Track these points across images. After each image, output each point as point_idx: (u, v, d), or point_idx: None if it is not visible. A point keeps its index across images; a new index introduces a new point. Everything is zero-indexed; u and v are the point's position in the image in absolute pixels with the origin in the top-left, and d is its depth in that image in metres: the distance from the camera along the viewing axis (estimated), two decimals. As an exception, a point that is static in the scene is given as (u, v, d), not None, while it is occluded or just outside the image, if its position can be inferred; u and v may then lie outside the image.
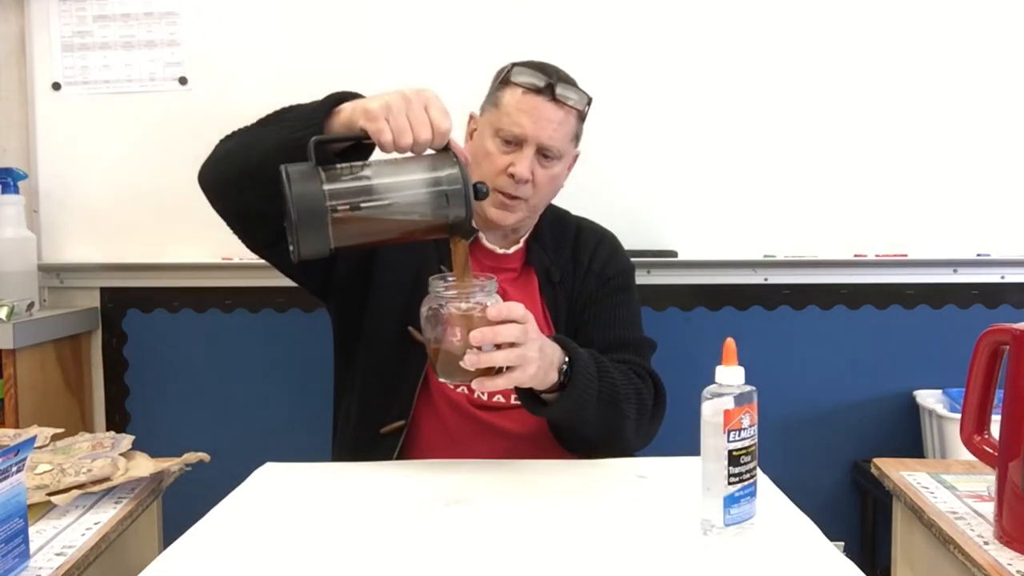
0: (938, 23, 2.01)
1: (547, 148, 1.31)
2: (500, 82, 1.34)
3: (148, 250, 2.09)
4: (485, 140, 1.33)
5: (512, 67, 1.32)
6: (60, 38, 2.07)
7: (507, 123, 1.30)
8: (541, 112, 1.29)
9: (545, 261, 1.41)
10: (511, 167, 1.29)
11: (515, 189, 1.30)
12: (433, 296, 1.01)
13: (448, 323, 1.00)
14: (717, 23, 2.02)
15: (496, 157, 1.31)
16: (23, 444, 0.84)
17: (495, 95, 1.34)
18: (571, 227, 1.48)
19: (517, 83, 1.30)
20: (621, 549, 0.87)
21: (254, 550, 0.88)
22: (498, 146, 1.31)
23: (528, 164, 1.29)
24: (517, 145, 1.30)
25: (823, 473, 2.09)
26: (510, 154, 1.30)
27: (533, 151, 1.30)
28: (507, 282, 1.39)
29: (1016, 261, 2.03)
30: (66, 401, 2.05)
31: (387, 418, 1.31)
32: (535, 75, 1.30)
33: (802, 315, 2.09)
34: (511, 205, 1.32)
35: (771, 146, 2.04)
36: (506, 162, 1.30)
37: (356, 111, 1.06)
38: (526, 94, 1.30)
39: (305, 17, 2.05)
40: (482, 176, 1.30)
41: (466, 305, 1.00)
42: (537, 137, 1.29)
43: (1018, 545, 0.90)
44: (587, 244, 1.45)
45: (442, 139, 1.03)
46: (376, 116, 1.02)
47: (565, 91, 1.30)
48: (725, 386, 0.88)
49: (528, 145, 1.30)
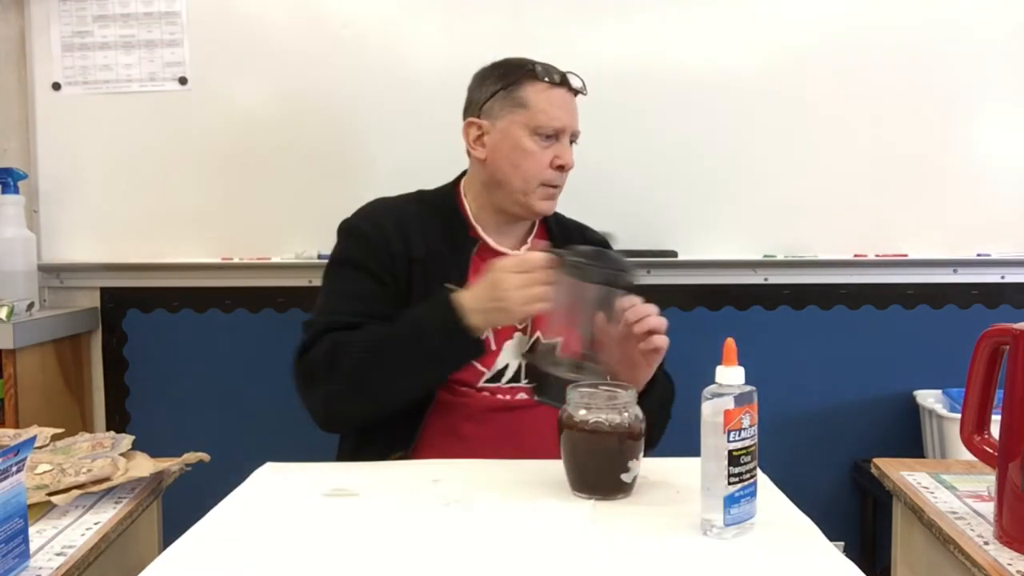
0: (938, 23, 2.01)
1: (576, 134, 1.43)
2: (513, 82, 1.38)
3: (148, 250, 2.09)
4: (522, 140, 1.37)
5: (532, 64, 1.39)
6: (60, 38, 2.07)
7: (545, 119, 1.37)
8: (568, 103, 1.40)
9: None
10: (557, 159, 1.38)
11: (560, 179, 1.40)
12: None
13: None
14: (717, 23, 2.02)
15: (539, 154, 1.38)
16: (23, 444, 0.84)
17: (515, 95, 1.38)
18: (573, 229, 1.53)
19: (541, 80, 1.37)
20: (621, 549, 0.87)
21: (254, 550, 0.88)
22: (538, 143, 1.38)
23: (570, 153, 1.41)
24: (554, 138, 1.39)
25: (823, 473, 2.09)
26: (550, 148, 1.38)
27: (568, 139, 1.41)
28: None
29: (1016, 261, 2.03)
30: (66, 401, 2.05)
31: (392, 448, 1.31)
32: (551, 70, 1.39)
33: (802, 315, 2.09)
34: (555, 194, 1.42)
35: (771, 146, 2.04)
36: (549, 156, 1.38)
37: (493, 320, 1.25)
38: (551, 88, 1.38)
39: (305, 17, 2.05)
40: (529, 174, 1.38)
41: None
42: (572, 126, 1.41)
43: (1018, 545, 0.90)
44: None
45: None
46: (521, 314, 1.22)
47: (575, 81, 1.41)
48: (725, 386, 0.88)
49: (565, 135, 1.40)
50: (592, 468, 1.01)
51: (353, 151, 2.07)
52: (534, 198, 1.38)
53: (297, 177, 2.07)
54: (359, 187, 2.03)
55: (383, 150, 2.06)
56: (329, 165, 2.07)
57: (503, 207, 1.41)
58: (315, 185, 2.07)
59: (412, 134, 2.03)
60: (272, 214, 2.09)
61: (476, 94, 1.43)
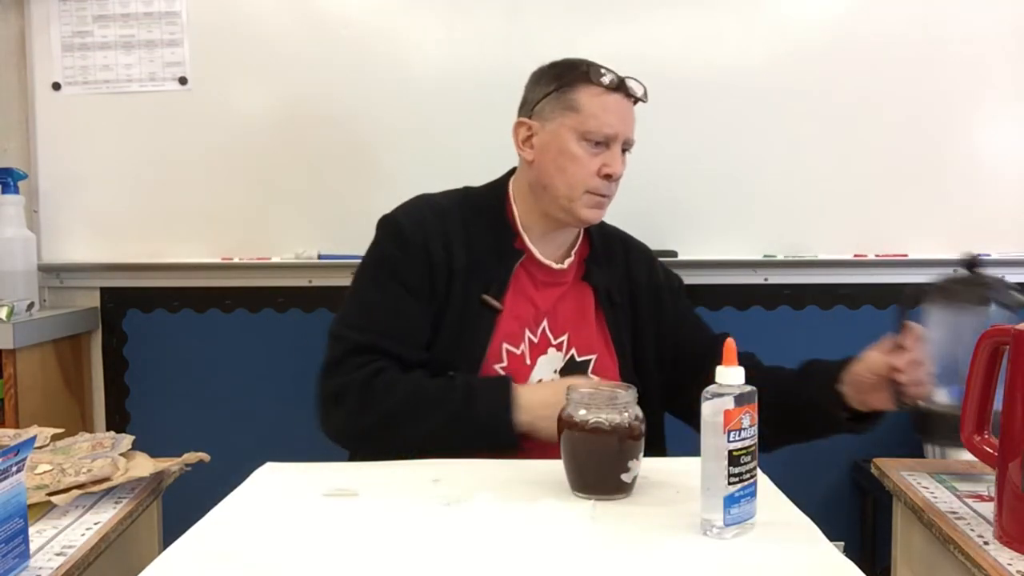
0: (938, 23, 2.01)
1: (629, 142, 1.35)
2: (565, 84, 1.33)
3: (148, 250, 2.09)
4: (569, 145, 1.31)
5: (587, 67, 1.33)
6: (60, 38, 2.07)
7: (595, 125, 1.30)
8: (623, 109, 1.33)
9: (604, 282, 1.41)
10: (605, 167, 1.31)
11: (608, 188, 1.33)
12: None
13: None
14: (717, 23, 2.02)
15: (587, 160, 1.31)
16: (23, 444, 0.84)
17: (565, 98, 1.32)
18: (615, 240, 1.49)
19: (596, 83, 1.31)
20: (621, 549, 0.87)
21: (254, 550, 0.88)
22: (586, 149, 1.31)
23: (621, 163, 1.34)
24: (604, 145, 1.32)
25: (823, 473, 2.09)
26: (599, 155, 1.32)
27: (620, 148, 1.33)
28: (559, 298, 1.38)
29: (1016, 261, 2.03)
30: (66, 401, 2.05)
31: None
32: (608, 74, 1.32)
33: (802, 315, 2.09)
34: (603, 203, 1.35)
35: (771, 146, 2.04)
36: (598, 163, 1.31)
37: (538, 427, 1.20)
38: (606, 93, 1.31)
39: (305, 17, 2.05)
40: (574, 180, 1.31)
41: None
42: (625, 134, 1.33)
43: (1018, 545, 0.90)
44: (640, 261, 1.48)
45: None
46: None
47: (634, 86, 1.34)
48: (725, 386, 0.88)
49: (616, 143, 1.32)
50: (592, 468, 1.01)
51: (353, 151, 2.07)
52: (579, 205, 1.33)
53: (297, 177, 2.07)
54: (359, 187, 2.04)
55: (383, 150, 2.06)
56: (329, 165, 2.07)
57: (549, 212, 1.36)
58: (315, 185, 2.07)
59: (412, 134, 2.03)
60: (272, 214, 2.09)
61: (531, 94, 1.38)
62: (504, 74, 1.37)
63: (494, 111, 1.39)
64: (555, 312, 1.37)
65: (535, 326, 1.35)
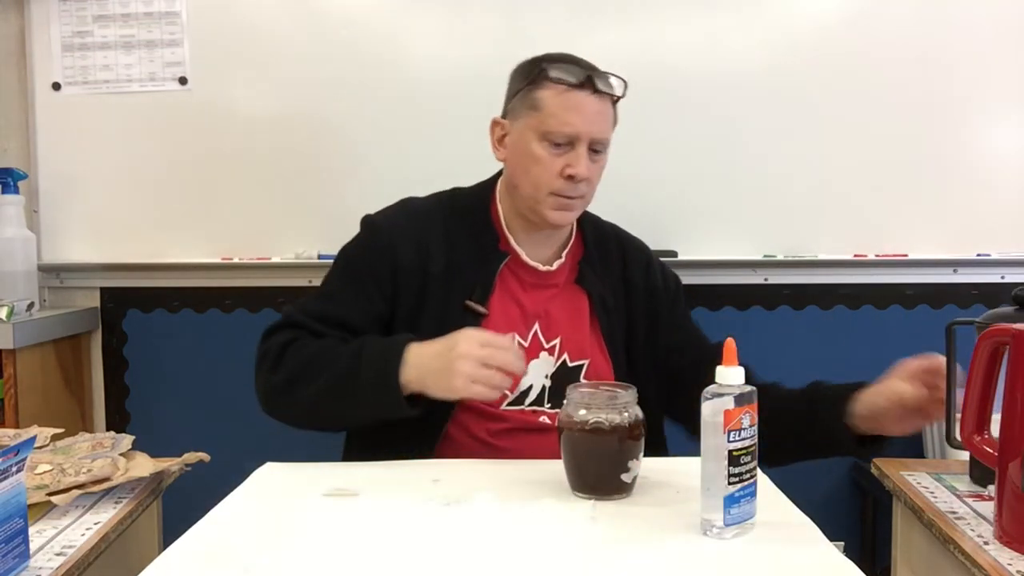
0: (938, 23, 2.01)
1: (597, 142, 1.28)
2: (530, 82, 1.28)
3: (148, 250, 2.09)
4: (531, 145, 1.27)
5: (545, 65, 1.27)
6: (60, 38, 2.07)
7: (555, 124, 1.25)
8: (587, 107, 1.25)
9: (598, 286, 1.36)
10: (568, 168, 1.25)
11: (573, 190, 1.27)
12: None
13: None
14: (718, 23, 2.02)
15: (548, 161, 1.26)
16: (23, 444, 0.84)
17: (530, 96, 1.28)
18: (611, 239, 1.43)
19: (556, 81, 1.25)
20: (621, 549, 0.87)
21: (254, 550, 0.87)
22: (547, 149, 1.26)
23: (586, 163, 1.26)
24: (569, 145, 1.26)
25: (823, 473, 2.09)
26: (563, 155, 1.26)
27: (586, 148, 1.26)
28: (550, 300, 1.34)
29: (1016, 261, 2.03)
30: (66, 401, 2.05)
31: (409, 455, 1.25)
32: (572, 70, 1.25)
33: (802, 315, 2.09)
34: (570, 204, 1.29)
35: (771, 146, 2.04)
36: (560, 164, 1.26)
37: (427, 383, 1.15)
38: (568, 91, 1.25)
39: (305, 18, 2.05)
40: (537, 182, 1.27)
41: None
42: (589, 133, 1.26)
43: (1018, 545, 0.90)
44: (636, 262, 1.42)
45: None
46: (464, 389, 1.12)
47: (604, 82, 1.27)
48: (725, 386, 0.88)
49: (580, 143, 1.26)
50: (592, 468, 1.01)
51: (353, 151, 2.07)
52: (544, 207, 1.28)
53: (297, 177, 2.07)
54: (359, 187, 2.04)
55: (383, 150, 2.06)
56: (329, 165, 2.07)
57: (522, 213, 1.33)
58: (315, 185, 2.07)
59: (412, 134, 2.03)
60: (272, 214, 2.09)
61: (508, 91, 1.34)
62: (504, 74, 1.36)
63: (494, 111, 1.39)
64: (547, 315, 1.33)
65: (525, 329, 1.32)
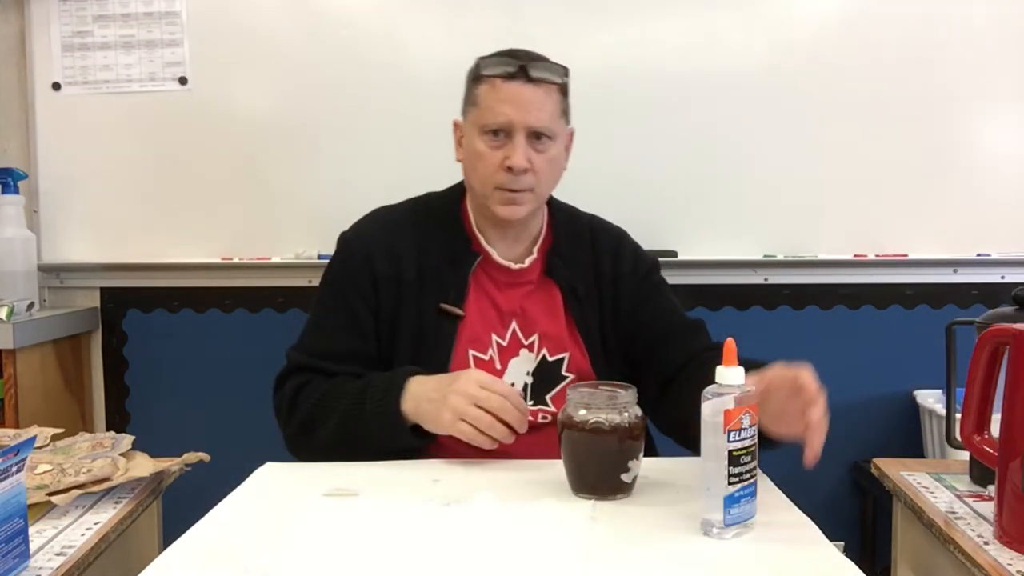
0: (938, 23, 2.01)
1: (537, 131, 1.25)
2: (472, 80, 1.29)
3: (148, 250, 2.09)
4: (474, 141, 1.27)
5: (481, 61, 1.28)
6: (60, 38, 2.07)
7: (489, 116, 1.24)
8: (521, 96, 1.24)
9: (568, 276, 1.35)
10: (506, 160, 1.24)
11: (516, 182, 1.25)
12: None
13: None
14: (718, 23, 2.02)
15: (489, 155, 1.26)
16: (23, 444, 0.84)
17: (471, 94, 1.29)
18: (584, 229, 1.41)
19: (489, 75, 1.25)
20: (621, 549, 0.87)
21: (254, 550, 0.88)
22: (487, 143, 1.26)
23: (523, 152, 1.24)
24: (507, 136, 1.25)
25: (823, 473, 2.09)
26: (502, 147, 1.25)
27: (523, 138, 1.24)
28: (526, 297, 1.34)
29: (1016, 261, 2.03)
30: (66, 401, 2.05)
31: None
32: (504, 61, 1.25)
33: (802, 315, 2.09)
34: (517, 198, 1.27)
35: (771, 146, 2.04)
36: (500, 156, 1.25)
37: (422, 413, 1.16)
38: (501, 82, 1.24)
39: (305, 18, 2.05)
40: (481, 177, 1.27)
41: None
42: (524, 121, 1.24)
43: (1018, 545, 0.90)
44: (606, 249, 1.39)
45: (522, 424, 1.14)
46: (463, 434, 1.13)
47: (538, 70, 1.25)
48: (725, 386, 0.88)
49: (517, 132, 1.24)
50: (592, 468, 1.01)
51: (353, 151, 2.07)
52: (492, 203, 1.27)
53: (297, 177, 2.07)
54: (359, 187, 2.04)
55: (383, 150, 2.06)
56: (329, 165, 2.07)
57: (482, 212, 1.33)
58: (315, 185, 2.07)
59: (411, 134, 2.03)
60: (272, 214, 2.09)
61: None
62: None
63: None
64: (524, 312, 1.32)
65: (503, 328, 1.32)
